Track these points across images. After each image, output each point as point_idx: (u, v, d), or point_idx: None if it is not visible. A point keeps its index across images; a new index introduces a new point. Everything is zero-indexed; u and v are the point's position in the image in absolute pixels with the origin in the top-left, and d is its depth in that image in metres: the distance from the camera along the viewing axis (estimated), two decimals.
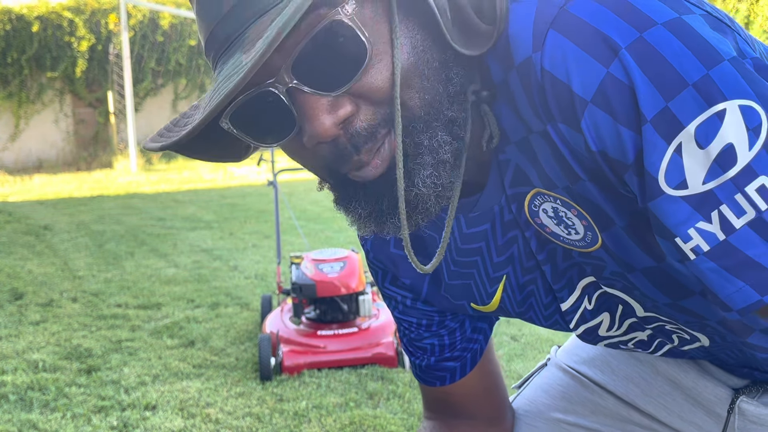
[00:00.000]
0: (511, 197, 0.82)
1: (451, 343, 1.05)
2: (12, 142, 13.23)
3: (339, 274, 3.30)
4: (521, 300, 0.93)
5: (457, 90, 0.76)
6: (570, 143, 0.73)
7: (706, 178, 0.66)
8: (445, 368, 1.07)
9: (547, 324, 0.96)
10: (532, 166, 0.78)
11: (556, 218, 0.80)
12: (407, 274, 1.00)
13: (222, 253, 5.61)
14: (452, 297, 0.98)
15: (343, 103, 0.71)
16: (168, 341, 3.64)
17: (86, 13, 13.24)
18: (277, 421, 2.73)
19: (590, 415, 1.10)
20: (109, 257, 5.61)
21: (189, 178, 10.54)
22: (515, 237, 0.87)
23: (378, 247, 1.00)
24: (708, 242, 0.68)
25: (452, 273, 0.95)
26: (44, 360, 3.40)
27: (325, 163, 0.76)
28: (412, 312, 1.04)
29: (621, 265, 0.80)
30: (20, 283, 4.84)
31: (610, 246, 0.79)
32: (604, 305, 0.90)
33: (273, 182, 4.03)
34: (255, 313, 4.01)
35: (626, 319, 0.91)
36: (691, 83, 0.65)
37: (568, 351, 1.16)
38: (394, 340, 3.22)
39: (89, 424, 2.76)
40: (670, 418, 1.05)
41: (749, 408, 0.96)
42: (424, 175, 0.74)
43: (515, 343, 3.43)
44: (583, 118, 0.70)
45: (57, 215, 7.69)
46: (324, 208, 7.52)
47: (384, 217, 0.77)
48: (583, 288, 0.88)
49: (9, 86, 13.10)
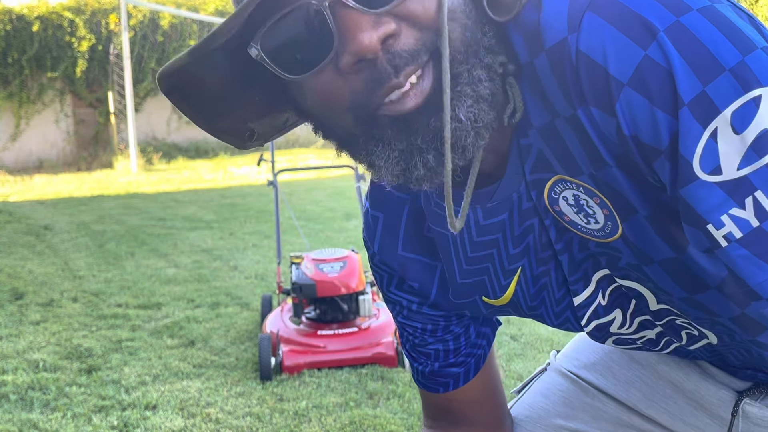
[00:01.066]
0: (531, 183, 0.81)
1: (455, 348, 1.03)
2: (12, 142, 13.24)
3: (339, 274, 3.30)
4: (534, 293, 0.92)
5: (491, 44, 0.74)
6: (600, 127, 0.72)
7: (741, 164, 0.66)
8: (449, 374, 1.05)
9: (557, 322, 0.95)
10: (555, 151, 0.77)
11: (577, 206, 0.79)
12: (415, 277, 0.98)
13: (222, 253, 5.61)
14: (463, 295, 0.96)
15: (386, 20, 0.69)
16: (168, 341, 3.64)
17: (86, 14, 13.25)
18: (277, 420, 2.74)
19: (591, 421, 1.09)
20: (109, 257, 5.61)
21: (189, 178, 10.54)
22: (531, 226, 0.85)
23: (386, 250, 0.98)
24: (741, 229, 0.68)
25: (464, 272, 0.93)
26: (45, 360, 3.41)
27: (356, 98, 0.71)
28: (417, 317, 1.01)
29: (638, 257, 0.79)
30: (21, 283, 4.85)
31: (629, 236, 0.78)
32: (617, 301, 0.89)
33: (273, 182, 4.03)
34: (255, 312, 4.01)
35: (638, 317, 0.90)
36: (727, 68, 0.65)
37: (568, 356, 1.15)
38: (394, 340, 3.22)
39: (90, 423, 2.77)
40: (672, 422, 1.04)
41: (753, 410, 0.96)
42: (465, 106, 0.71)
43: (515, 343, 3.43)
44: (618, 100, 0.69)
45: (57, 215, 7.69)
46: (324, 208, 7.52)
47: (414, 155, 0.73)
48: (598, 281, 0.87)
49: (9, 86, 13.10)
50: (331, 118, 0.75)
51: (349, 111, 0.73)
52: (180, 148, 13.80)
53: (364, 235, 1.00)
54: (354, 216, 6.80)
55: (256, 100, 0.79)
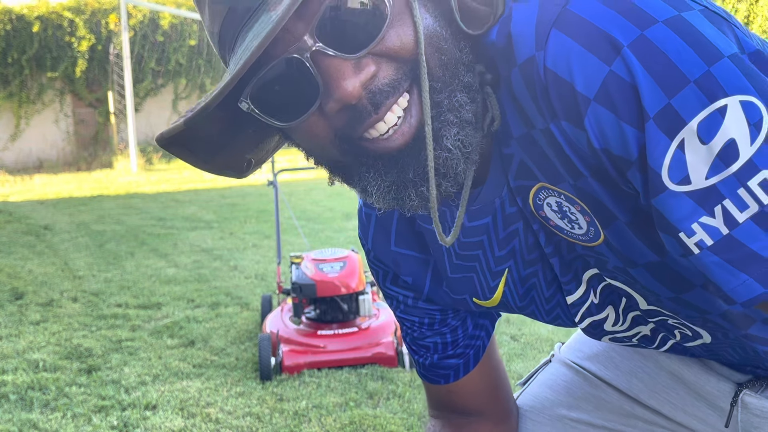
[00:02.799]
0: (515, 189, 0.82)
1: (453, 340, 1.05)
2: (12, 142, 13.24)
3: (339, 274, 3.30)
4: (523, 293, 0.93)
5: (469, 59, 0.76)
6: (573, 141, 0.73)
7: (708, 174, 0.67)
8: (448, 366, 1.07)
9: (548, 319, 0.96)
10: (535, 161, 0.78)
11: (560, 212, 0.81)
12: (408, 272, 1.00)
13: (222, 252, 5.61)
14: (454, 291, 0.98)
15: (366, 64, 0.72)
16: (168, 341, 3.64)
17: (86, 13, 13.25)
18: (277, 420, 2.74)
19: (594, 411, 1.10)
20: (109, 257, 5.61)
21: (189, 178, 10.54)
22: (516, 230, 0.87)
23: (379, 246, 1.01)
24: (712, 236, 0.68)
25: (455, 266, 0.95)
26: (44, 360, 3.41)
27: (340, 133, 0.75)
28: (413, 311, 1.04)
29: (623, 261, 0.81)
30: (20, 283, 4.85)
31: (612, 241, 0.79)
32: (608, 299, 0.90)
33: (273, 182, 4.03)
34: (255, 312, 4.01)
35: (630, 312, 0.91)
36: (692, 80, 0.66)
37: (571, 347, 1.16)
38: (394, 340, 3.22)
39: (89, 423, 2.77)
40: (673, 412, 1.05)
41: (752, 401, 0.97)
42: (451, 134, 0.74)
43: (515, 342, 3.43)
44: (587, 115, 0.70)
45: (57, 215, 7.69)
46: (324, 208, 7.52)
47: (408, 187, 0.76)
48: (588, 280, 0.89)
49: (9, 86, 13.10)
50: (319, 150, 0.79)
51: (333, 144, 0.76)
52: None
53: (359, 233, 1.03)
54: (354, 216, 6.80)
55: (250, 135, 0.83)
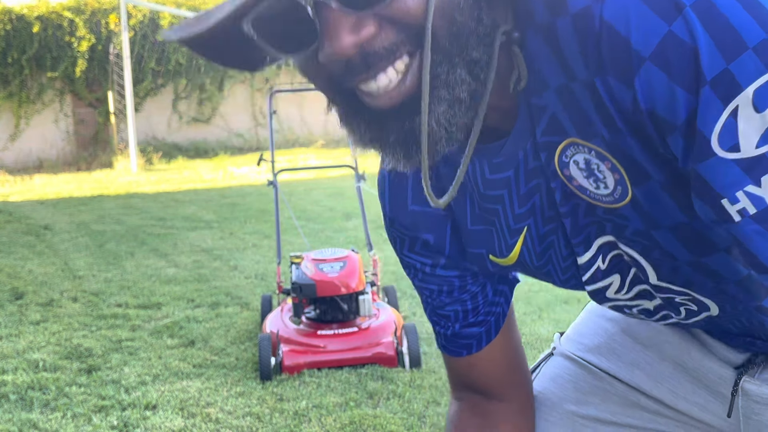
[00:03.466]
0: (541, 145, 0.81)
1: (474, 307, 1.04)
2: (12, 141, 13.23)
3: (339, 274, 3.30)
4: (541, 252, 0.92)
5: (486, 31, 0.75)
6: (617, 97, 0.72)
7: (759, 143, 0.66)
8: (470, 335, 1.05)
9: (563, 278, 0.95)
10: (570, 114, 0.77)
11: (587, 170, 0.79)
12: (428, 229, 0.98)
13: (222, 252, 5.61)
14: (472, 245, 0.96)
15: (367, 23, 0.71)
16: (168, 341, 3.64)
17: (86, 13, 13.24)
18: (277, 420, 2.74)
19: (601, 404, 1.10)
20: (109, 257, 5.61)
21: (189, 178, 10.54)
22: (538, 185, 0.85)
23: (397, 208, 0.99)
24: (756, 205, 0.68)
25: (476, 217, 0.93)
26: (44, 359, 3.40)
27: (331, 78, 0.75)
28: (432, 279, 1.03)
29: (647, 222, 0.80)
30: (20, 283, 4.85)
31: (641, 201, 0.78)
32: (616, 267, 0.89)
33: (273, 182, 4.03)
34: (255, 312, 4.01)
35: (637, 285, 0.91)
36: (750, 46, 0.65)
37: (572, 339, 1.16)
38: (394, 340, 3.22)
39: (90, 423, 2.77)
40: (675, 401, 1.05)
41: (753, 388, 0.97)
42: (439, 112, 0.73)
43: None
44: (638, 74, 0.69)
45: (57, 215, 7.69)
46: (324, 208, 7.52)
47: (388, 148, 0.76)
48: (599, 247, 0.88)
49: (9, 86, 13.09)
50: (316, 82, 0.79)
51: (329, 86, 0.77)
52: (180, 148, 13.80)
53: (380, 199, 1.02)
54: (354, 216, 6.80)
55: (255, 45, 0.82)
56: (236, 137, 14.60)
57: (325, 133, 14.81)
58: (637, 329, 1.08)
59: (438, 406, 2.82)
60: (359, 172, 4.00)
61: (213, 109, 14.55)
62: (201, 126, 14.46)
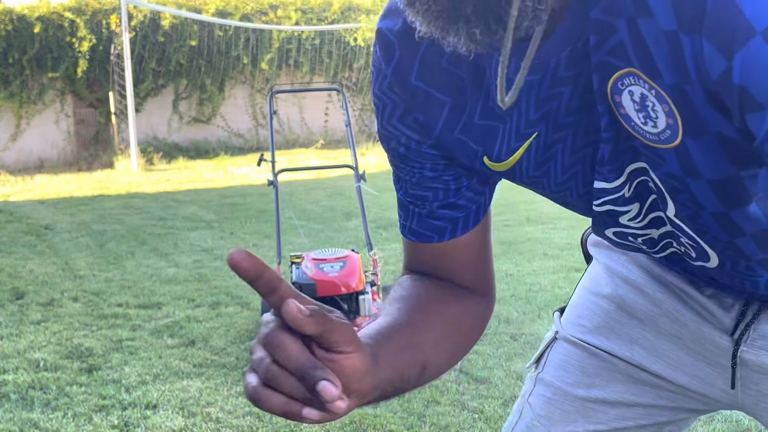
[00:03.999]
0: (598, 65, 0.73)
1: (456, 188, 0.93)
2: (13, 142, 13.24)
3: (339, 274, 3.31)
4: (541, 162, 0.85)
5: None
6: (705, 61, 0.65)
7: None
8: (447, 217, 0.95)
9: (556, 190, 0.89)
10: (635, 48, 0.70)
11: (640, 105, 0.72)
12: (422, 109, 0.88)
13: (222, 252, 5.62)
14: (473, 140, 0.88)
15: None
16: (168, 340, 3.65)
17: (87, 14, 13.26)
18: (278, 420, 2.74)
19: (607, 385, 1.10)
20: (109, 257, 5.62)
21: (189, 178, 10.55)
22: (559, 94, 0.79)
23: (398, 75, 0.88)
24: None
25: (486, 111, 0.85)
26: (45, 359, 3.41)
27: None
28: (416, 156, 0.92)
29: (687, 170, 0.74)
30: (21, 283, 4.85)
31: (690, 151, 0.72)
32: (640, 194, 0.84)
33: (273, 182, 4.04)
34: (255, 312, 4.02)
35: (652, 212, 0.86)
36: None
37: (571, 322, 1.15)
38: None
39: (90, 423, 2.77)
40: (675, 375, 1.05)
41: (751, 358, 0.97)
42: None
43: (515, 342, 3.44)
44: (743, 48, 0.61)
45: (58, 215, 7.70)
46: (324, 208, 7.53)
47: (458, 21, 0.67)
48: (629, 173, 0.82)
49: (10, 86, 13.11)
50: None
51: None
52: (180, 148, 13.81)
53: (378, 56, 0.90)
54: (354, 216, 6.81)
55: None
56: (236, 137, 14.61)
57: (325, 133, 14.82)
58: (633, 305, 1.08)
59: (438, 405, 2.82)
60: (359, 171, 4.01)
61: (213, 110, 14.56)
62: (201, 126, 14.47)
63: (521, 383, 2.91)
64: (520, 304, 3.99)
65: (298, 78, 14.83)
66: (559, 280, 4.49)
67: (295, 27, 14.35)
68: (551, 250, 5.26)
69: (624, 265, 1.09)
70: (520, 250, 5.23)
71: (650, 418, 1.10)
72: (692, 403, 1.08)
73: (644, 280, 1.06)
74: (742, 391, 1.01)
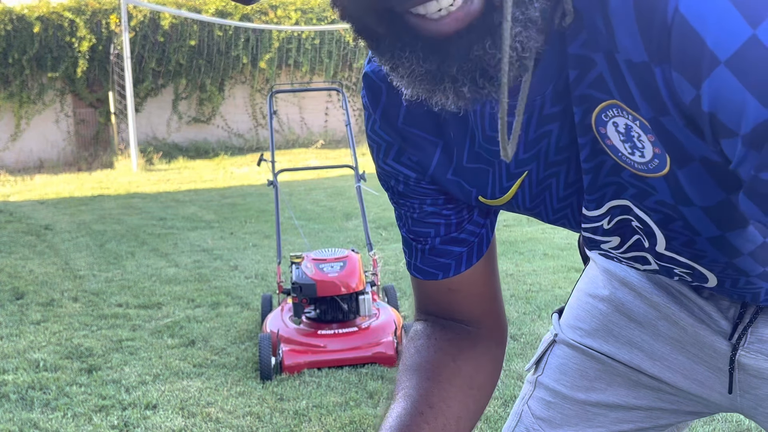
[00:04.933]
0: (579, 98, 0.74)
1: (458, 222, 0.93)
2: (13, 142, 13.25)
3: (339, 274, 3.31)
4: (536, 194, 0.86)
5: None
6: (677, 91, 0.66)
7: None
8: (450, 253, 0.95)
9: (553, 218, 0.89)
10: (615, 80, 0.70)
11: (626, 136, 0.73)
12: (415, 151, 0.89)
13: (222, 252, 5.62)
14: (463, 180, 0.88)
15: None
16: (168, 341, 3.64)
17: (87, 14, 13.26)
18: (278, 420, 2.74)
19: (607, 388, 1.10)
20: (109, 257, 5.62)
21: (189, 178, 10.54)
22: (549, 132, 0.78)
23: (386, 120, 0.88)
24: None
25: (474, 155, 0.85)
26: (45, 359, 3.41)
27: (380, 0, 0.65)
28: (415, 191, 0.92)
29: (678, 198, 0.75)
30: (21, 283, 4.85)
31: (680, 179, 0.73)
32: (619, 230, 0.85)
33: (273, 182, 4.04)
34: (255, 312, 4.02)
35: (635, 251, 0.87)
36: None
37: (570, 326, 1.15)
38: (394, 340, 3.23)
39: (90, 423, 2.77)
40: (674, 378, 1.05)
41: (749, 362, 0.97)
42: (514, 34, 0.64)
43: (515, 342, 3.44)
44: (709, 77, 0.62)
45: (58, 215, 7.69)
46: (324, 208, 7.53)
47: (444, 82, 0.67)
48: (610, 208, 0.82)
49: (10, 86, 13.11)
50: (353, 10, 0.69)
51: (374, 10, 0.66)
52: (180, 148, 13.81)
53: (366, 99, 0.90)
54: (354, 216, 6.81)
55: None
56: (236, 137, 14.61)
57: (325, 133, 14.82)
58: (631, 307, 1.08)
59: None
60: (359, 171, 4.01)
61: (213, 110, 14.56)
62: (201, 126, 14.47)
63: (521, 383, 2.91)
64: (520, 304, 4.00)
65: (297, 78, 14.83)
66: (559, 280, 4.49)
67: (295, 27, 14.35)
68: (551, 250, 5.26)
69: (621, 267, 1.09)
70: (520, 250, 5.23)
71: (650, 420, 1.10)
72: (692, 405, 1.08)
73: (641, 283, 1.06)
74: (740, 395, 1.00)
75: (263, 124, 14.72)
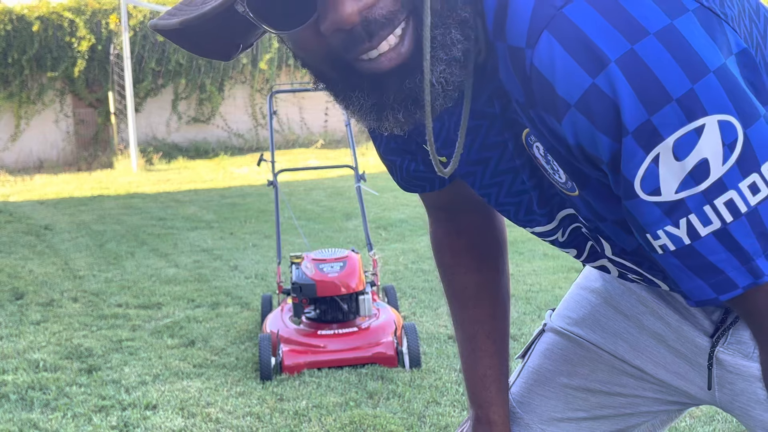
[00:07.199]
0: (509, 122, 0.86)
1: None
2: (13, 142, 13.24)
3: (339, 274, 3.31)
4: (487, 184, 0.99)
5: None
6: (550, 128, 0.77)
7: (678, 188, 0.71)
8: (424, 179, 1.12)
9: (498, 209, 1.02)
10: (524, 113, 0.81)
11: (545, 159, 0.84)
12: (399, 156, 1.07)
13: (222, 252, 5.62)
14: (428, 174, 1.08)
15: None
16: (168, 341, 3.64)
17: (87, 14, 13.25)
18: (278, 420, 2.74)
19: (590, 374, 1.15)
20: (109, 257, 5.61)
21: (189, 178, 10.54)
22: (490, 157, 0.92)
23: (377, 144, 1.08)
24: (674, 244, 0.74)
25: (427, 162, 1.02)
26: (45, 359, 3.41)
27: (333, 51, 0.77)
28: None
29: (593, 214, 0.86)
30: (21, 283, 4.85)
31: (587, 197, 0.84)
32: (575, 241, 0.96)
33: (273, 182, 4.04)
34: (255, 312, 4.02)
35: (594, 259, 0.98)
36: (675, 98, 0.68)
37: (560, 315, 1.21)
38: (394, 340, 3.23)
39: (90, 423, 2.77)
40: (656, 370, 1.10)
41: (727, 358, 1.02)
42: (438, 71, 0.77)
43: (515, 342, 3.43)
44: (565, 117, 0.73)
45: (58, 215, 7.69)
46: (324, 208, 7.52)
47: (385, 109, 0.79)
48: (561, 219, 0.94)
49: (10, 86, 13.09)
50: (310, 61, 0.81)
51: (324, 60, 0.79)
52: (180, 148, 13.80)
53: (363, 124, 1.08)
54: (354, 216, 6.80)
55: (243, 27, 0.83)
56: (236, 137, 14.60)
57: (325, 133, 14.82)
58: (620, 300, 1.13)
59: (438, 405, 2.82)
60: (359, 172, 4.01)
61: (213, 110, 14.55)
62: (201, 126, 14.46)
63: None
64: (520, 304, 3.99)
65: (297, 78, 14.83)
66: (559, 280, 4.49)
67: None
68: (551, 250, 5.26)
69: None
70: (520, 250, 5.23)
71: (632, 407, 1.15)
72: (674, 396, 1.12)
73: None
74: (718, 390, 1.05)
75: (263, 124, 14.72)
